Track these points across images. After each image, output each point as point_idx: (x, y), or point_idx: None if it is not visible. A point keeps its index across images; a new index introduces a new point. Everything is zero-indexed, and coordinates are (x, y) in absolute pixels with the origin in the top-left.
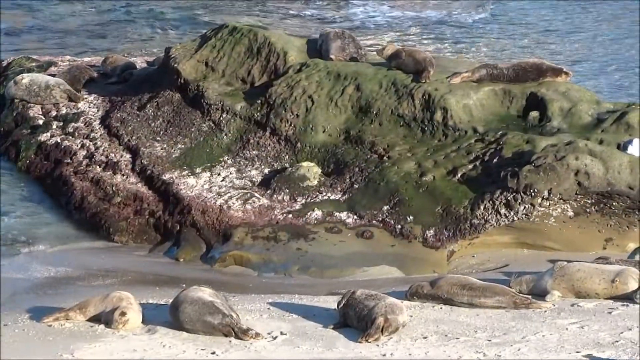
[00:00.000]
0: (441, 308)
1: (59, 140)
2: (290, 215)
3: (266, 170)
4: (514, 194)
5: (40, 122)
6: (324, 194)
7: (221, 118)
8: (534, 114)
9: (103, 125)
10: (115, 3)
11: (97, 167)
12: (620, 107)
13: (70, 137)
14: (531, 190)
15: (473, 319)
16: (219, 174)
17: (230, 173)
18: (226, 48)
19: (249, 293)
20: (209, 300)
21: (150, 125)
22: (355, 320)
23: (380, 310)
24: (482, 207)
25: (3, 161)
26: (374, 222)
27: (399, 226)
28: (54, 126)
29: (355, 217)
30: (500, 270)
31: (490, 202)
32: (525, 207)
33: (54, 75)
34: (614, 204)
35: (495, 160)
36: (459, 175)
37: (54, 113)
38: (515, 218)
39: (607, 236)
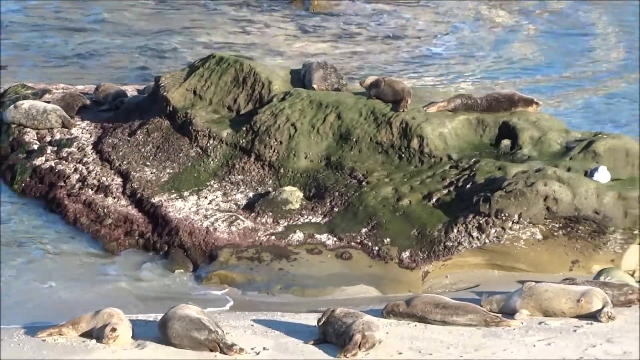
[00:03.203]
0: (416, 326)
1: (53, 164)
2: (273, 237)
3: (251, 194)
4: (486, 218)
5: (35, 147)
6: (306, 216)
7: (208, 144)
8: (506, 142)
9: (95, 150)
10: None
11: (90, 190)
12: (587, 135)
13: (64, 162)
14: (502, 215)
15: (446, 336)
16: (205, 198)
17: (217, 197)
18: (213, 77)
19: (233, 310)
20: (196, 317)
21: (141, 150)
22: (334, 337)
23: (358, 327)
24: (455, 230)
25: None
26: (352, 244)
27: (376, 248)
28: (49, 151)
29: (335, 239)
30: (472, 290)
31: (463, 225)
32: (496, 230)
33: (48, 102)
34: (580, 228)
35: (468, 186)
36: (434, 200)
37: (48, 138)
38: (487, 241)
39: (574, 258)
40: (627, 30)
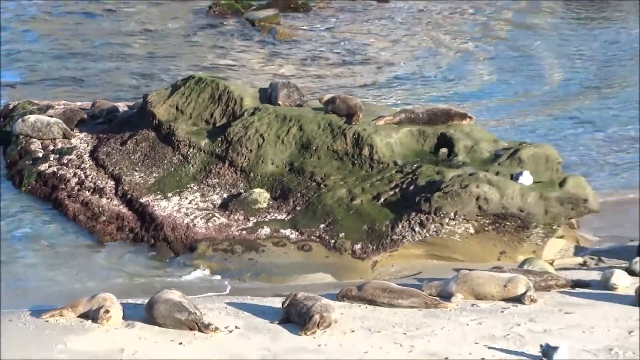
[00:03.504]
0: (366, 307)
1: (55, 170)
2: (244, 232)
3: (225, 195)
4: (427, 215)
5: (40, 154)
6: (272, 214)
7: (188, 152)
8: (444, 150)
9: (92, 158)
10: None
11: (87, 191)
12: (513, 145)
13: (65, 167)
14: (440, 212)
15: (392, 316)
16: (186, 198)
17: (196, 197)
18: (193, 95)
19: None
20: (178, 301)
21: (131, 157)
22: (296, 317)
23: (316, 308)
24: (400, 226)
25: (10, 186)
26: (312, 237)
27: (333, 241)
28: (51, 158)
29: (297, 233)
30: (414, 277)
31: (407, 221)
32: (435, 226)
33: (51, 116)
34: (507, 223)
35: (411, 188)
36: (382, 199)
37: (51, 147)
38: (427, 235)
39: (501, 250)
40: (563, 55)
